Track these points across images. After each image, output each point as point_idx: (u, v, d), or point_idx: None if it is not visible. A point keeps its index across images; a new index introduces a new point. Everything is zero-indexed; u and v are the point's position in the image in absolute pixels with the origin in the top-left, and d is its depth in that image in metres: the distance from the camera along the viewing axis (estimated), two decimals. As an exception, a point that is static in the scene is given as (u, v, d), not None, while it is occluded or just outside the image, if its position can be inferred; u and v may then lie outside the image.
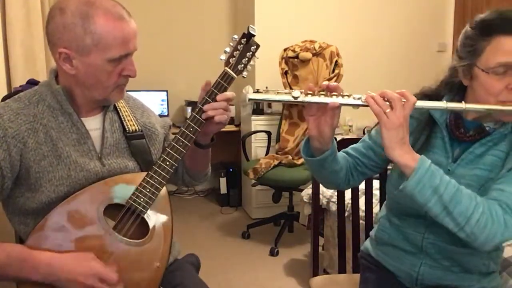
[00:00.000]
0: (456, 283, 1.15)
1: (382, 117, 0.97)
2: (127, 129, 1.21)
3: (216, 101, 1.14)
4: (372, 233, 1.37)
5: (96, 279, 1.01)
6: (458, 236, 1.01)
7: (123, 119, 1.22)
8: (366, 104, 1.00)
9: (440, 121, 1.13)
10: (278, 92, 1.02)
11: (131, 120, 1.23)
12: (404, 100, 0.98)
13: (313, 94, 1.02)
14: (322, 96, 1.02)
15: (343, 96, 1.01)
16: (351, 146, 1.27)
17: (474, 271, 1.15)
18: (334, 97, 1.01)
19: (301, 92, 1.01)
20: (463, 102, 1.02)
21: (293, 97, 1.01)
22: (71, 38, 1.03)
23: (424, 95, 1.14)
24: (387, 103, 0.99)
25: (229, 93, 1.15)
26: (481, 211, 0.97)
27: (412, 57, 4.13)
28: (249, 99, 1.04)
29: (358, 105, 1.01)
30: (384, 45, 4.10)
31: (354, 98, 1.01)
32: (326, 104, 1.01)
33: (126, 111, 1.24)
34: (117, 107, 1.23)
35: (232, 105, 3.36)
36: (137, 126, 1.23)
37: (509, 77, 0.99)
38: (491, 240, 0.98)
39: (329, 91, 1.02)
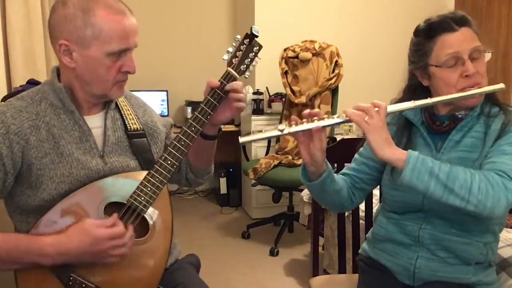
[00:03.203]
0: (452, 276, 1.17)
1: (364, 124, 1.06)
2: (128, 127, 1.21)
3: (219, 101, 1.16)
4: (369, 234, 1.39)
5: (105, 241, 1.02)
6: (462, 213, 1.04)
7: (124, 117, 1.22)
8: (344, 120, 1.09)
9: (415, 120, 1.23)
10: (265, 130, 1.12)
11: (133, 119, 1.23)
12: (377, 108, 1.07)
13: (296, 124, 1.10)
14: (305, 123, 1.10)
15: (323, 119, 1.10)
16: (345, 167, 1.35)
17: (471, 261, 1.17)
18: (316, 121, 1.10)
19: (286, 125, 1.10)
20: (428, 97, 1.12)
21: (279, 130, 1.09)
22: (71, 30, 1.05)
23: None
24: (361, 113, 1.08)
25: (239, 82, 1.18)
26: (479, 179, 1.02)
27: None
28: (241, 143, 1.11)
29: (338, 123, 1.12)
30: (384, 45, 4.10)
31: (333, 117, 1.11)
32: (310, 129, 1.09)
33: (128, 109, 1.24)
34: (119, 106, 1.23)
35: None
36: (139, 124, 1.24)
37: (460, 66, 1.12)
38: (498, 204, 1.01)
39: (310, 117, 1.11)
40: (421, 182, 1.03)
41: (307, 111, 1.13)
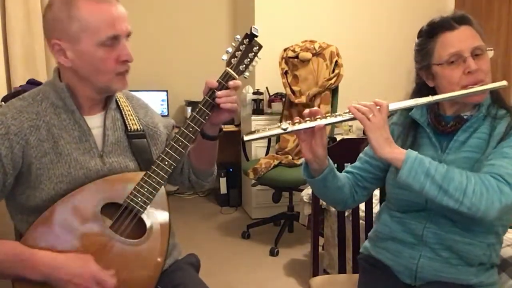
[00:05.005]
0: (454, 277, 1.17)
1: (366, 122, 1.08)
2: (128, 127, 1.21)
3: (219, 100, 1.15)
4: (371, 233, 1.39)
5: (93, 281, 1.02)
6: (461, 214, 1.05)
7: (125, 117, 1.22)
8: (346, 118, 1.11)
9: (421, 121, 1.24)
10: (269, 128, 1.13)
11: (133, 119, 1.23)
12: (378, 106, 1.09)
13: (299, 123, 1.12)
14: (308, 121, 1.12)
15: (325, 117, 1.12)
16: (350, 165, 1.36)
17: (474, 262, 1.16)
18: (318, 120, 1.11)
19: (289, 123, 1.12)
20: (430, 95, 1.13)
21: (282, 129, 1.11)
22: (60, 29, 1.06)
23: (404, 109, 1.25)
24: (367, 109, 1.10)
25: (238, 81, 1.17)
26: (474, 182, 1.04)
27: (413, 56, 4.12)
28: (245, 141, 1.13)
29: (341, 121, 1.13)
30: (384, 45, 4.09)
31: (335, 115, 1.13)
32: (313, 127, 1.11)
33: (129, 110, 1.24)
34: (120, 106, 1.23)
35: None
36: (139, 125, 1.23)
37: (462, 64, 1.13)
38: (492, 207, 1.02)
39: (312, 115, 1.12)
40: (417, 182, 1.05)
41: (307, 110, 1.13)
